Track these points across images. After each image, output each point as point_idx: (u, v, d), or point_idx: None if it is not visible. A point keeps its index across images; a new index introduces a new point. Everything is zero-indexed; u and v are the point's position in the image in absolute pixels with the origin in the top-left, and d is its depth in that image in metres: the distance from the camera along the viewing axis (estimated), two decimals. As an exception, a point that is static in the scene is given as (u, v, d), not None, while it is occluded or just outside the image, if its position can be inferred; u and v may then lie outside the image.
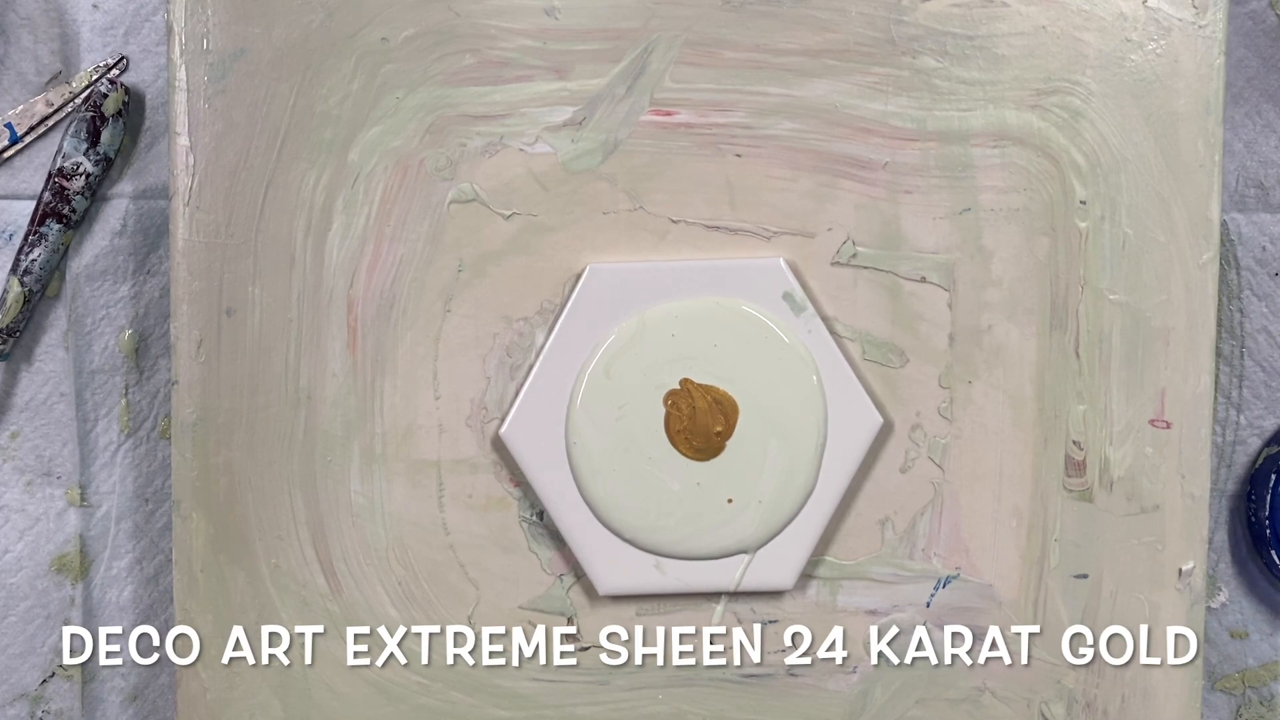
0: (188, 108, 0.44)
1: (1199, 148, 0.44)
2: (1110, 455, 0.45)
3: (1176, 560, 0.45)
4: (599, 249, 0.45)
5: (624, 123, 0.45)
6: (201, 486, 0.45)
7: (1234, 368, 0.49)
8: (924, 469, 0.45)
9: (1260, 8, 0.49)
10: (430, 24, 0.45)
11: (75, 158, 0.48)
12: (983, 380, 0.45)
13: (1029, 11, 0.44)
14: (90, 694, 0.50)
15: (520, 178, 0.45)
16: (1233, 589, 0.50)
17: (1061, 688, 0.46)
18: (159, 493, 0.50)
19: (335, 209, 0.45)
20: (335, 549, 0.45)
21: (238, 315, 0.45)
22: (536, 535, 0.46)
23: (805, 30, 0.44)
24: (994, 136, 0.45)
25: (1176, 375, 0.45)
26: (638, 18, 0.45)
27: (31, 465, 0.49)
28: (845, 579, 0.46)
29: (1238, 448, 0.49)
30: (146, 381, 0.49)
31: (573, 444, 0.44)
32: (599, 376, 0.44)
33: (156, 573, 0.50)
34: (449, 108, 0.45)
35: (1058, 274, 0.45)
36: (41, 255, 0.48)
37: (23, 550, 0.50)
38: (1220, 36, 0.44)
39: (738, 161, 0.45)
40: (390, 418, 0.45)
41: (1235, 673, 0.50)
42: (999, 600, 0.46)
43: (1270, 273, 0.49)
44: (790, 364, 0.44)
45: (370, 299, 0.45)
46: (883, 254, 0.45)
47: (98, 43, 0.49)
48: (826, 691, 0.46)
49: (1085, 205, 0.45)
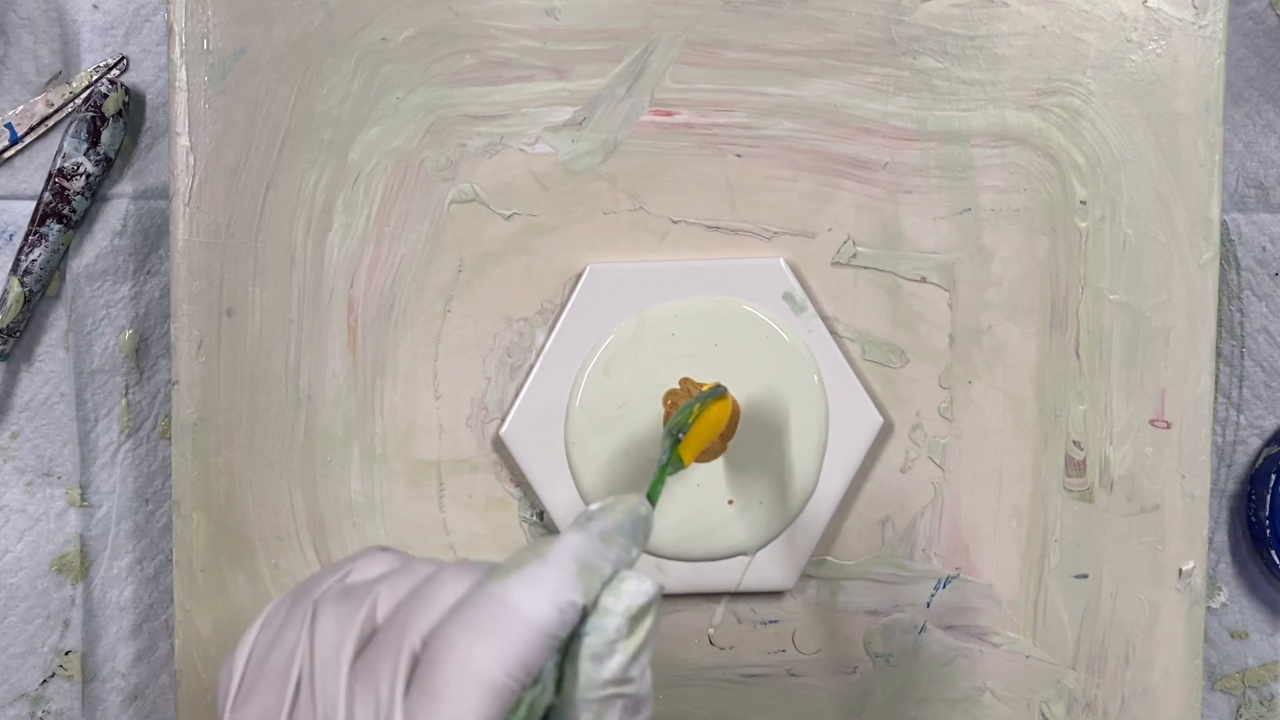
0: (188, 108, 0.44)
1: (1199, 148, 0.44)
2: (1110, 455, 0.45)
3: (1176, 560, 0.45)
4: (599, 249, 0.45)
5: (624, 123, 0.45)
6: (201, 486, 0.45)
7: (1234, 368, 0.49)
8: (924, 469, 0.45)
9: (1260, 8, 0.49)
10: (430, 24, 0.45)
11: (75, 158, 0.48)
12: (983, 380, 0.45)
13: (1029, 11, 0.44)
14: (90, 694, 0.50)
15: (520, 178, 0.45)
16: (1233, 589, 0.50)
17: (1061, 688, 0.46)
18: (159, 493, 0.50)
19: (335, 209, 0.45)
20: (335, 549, 0.45)
21: (238, 315, 0.45)
22: (536, 535, 0.46)
23: (805, 30, 0.44)
24: (994, 136, 0.45)
25: (1176, 375, 0.45)
26: (638, 18, 0.45)
27: (32, 465, 0.49)
28: (845, 579, 0.46)
29: (1238, 448, 0.50)
30: (147, 381, 0.49)
31: (572, 444, 0.44)
32: (599, 376, 0.44)
33: (156, 573, 0.50)
34: (449, 108, 0.45)
35: (1058, 274, 0.45)
36: (42, 255, 0.48)
37: (23, 550, 0.50)
38: (1220, 36, 0.44)
39: (738, 161, 0.45)
40: (390, 418, 0.45)
41: (1235, 673, 0.50)
42: (999, 600, 0.46)
43: (1270, 273, 0.49)
44: (791, 364, 0.44)
45: (370, 299, 0.45)
46: (883, 254, 0.45)
47: (98, 43, 0.49)
48: (826, 691, 0.46)
49: (1085, 205, 0.45)
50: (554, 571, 0.27)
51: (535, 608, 0.26)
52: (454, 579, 0.28)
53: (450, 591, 0.27)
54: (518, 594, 0.27)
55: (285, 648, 0.28)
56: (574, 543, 0.28)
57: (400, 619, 0.27)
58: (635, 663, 0.28)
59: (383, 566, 0.30)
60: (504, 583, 0.27)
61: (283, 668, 0.27)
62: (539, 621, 0.26)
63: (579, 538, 0.28)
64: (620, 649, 0.28)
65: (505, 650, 0.26)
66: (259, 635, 0.29)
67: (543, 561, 0.27)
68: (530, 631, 0.26)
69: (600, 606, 0.28)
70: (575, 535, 0.28)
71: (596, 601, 0.28)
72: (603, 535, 0.29)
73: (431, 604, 0.27)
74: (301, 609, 0.28)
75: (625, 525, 0.29)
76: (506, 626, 0.26)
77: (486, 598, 0.27)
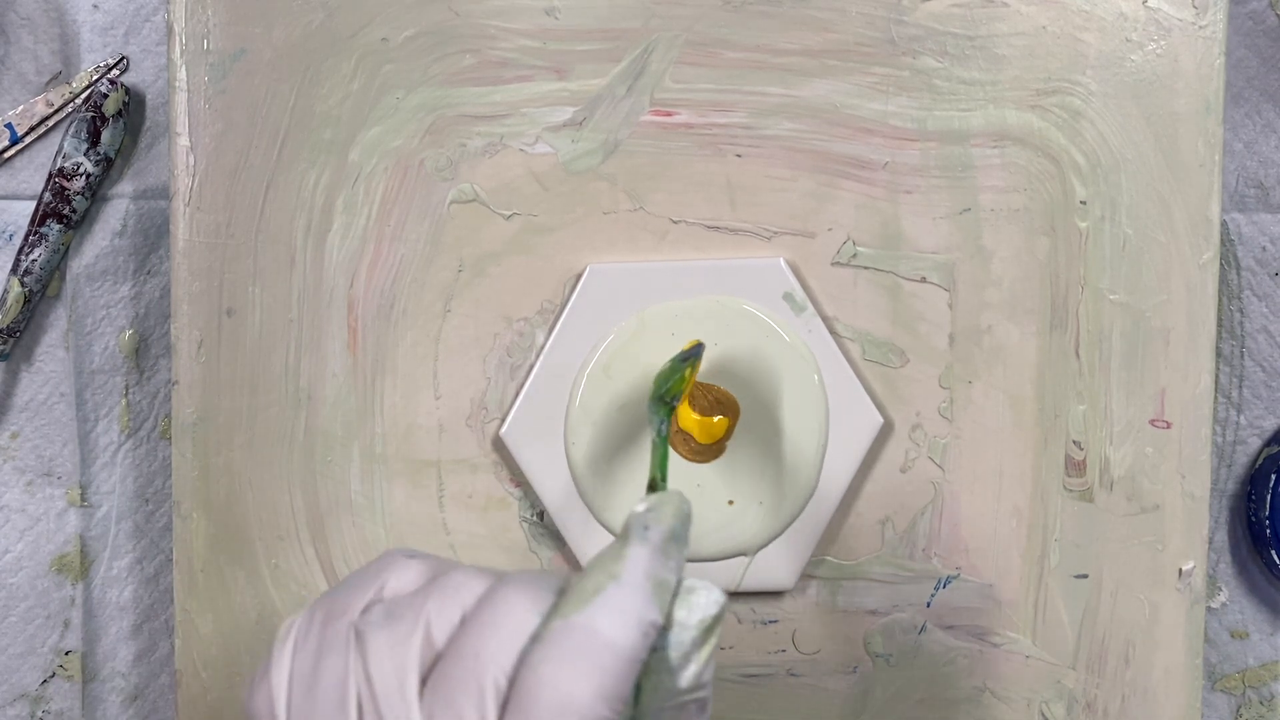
0: (188, 108, 0.44)
1: (1199, 148, 0.44)
2: (1110, 455, 0.45)
3: (1176, 560, 0.45)
4: (599, 249, 0.45)
5: (624, 123, 0.45)
6: (201, 486, 0.45)
7: (1234, 368, 0.49)
8: (924, 469, 0.45)
9: (1260, 8, 0.49)
10: (430, 24, 0.45)
11: (75, 158, 0.48)
12: (983, 380, 0.45)
13: (1029, 11, 0.44)
14: (90, 694, 0.50)
15: (520, 178, 0.45)
16: (1233, 589, 0.50)
17: (1061, 688, 0.46)
18: (159, 493, 0.50)
19: (335, 209, 0.45)
20: (335, 549, 0.45)
21: (238, 315, 0.45)
22: (536, 535, 0.46)
23: (805, 30, 0.44)
24: (994, 136, 0.45)
25: (1176, 375, 0.45)
26: (638, 18, 0.45)
27: (32, 465, 0.50)
28: (845, 579, 0.46)
29: (1238, 448, 0.49)
30: (147, 381, 0.49)
31: (572, 444, 0.44)
32: (599, 376, 0.44)
33: (156, 573, 0.50)
34: (449, 108, 0.45)
35: (1058, 274, 0.45)
36: (42, 255, 0.48)
37: (23, 550, 0.50)
38: (1220, 36, 0.44)
39: (738, 161, 0.45)
40: (390, 418, 0.45)
41: (1235, 673, 0.50)
42: (999, 600, 0.46)
43: (1270, 273, 0.49)
44: (791, 364, 0.44)
45: (370, 299, 0.45)
46: (883, 254, 0.45)
47: (98, 43, 0.49)
48: (826, 691, 0.46)
49: (1085, 205, 0.45)
50: (633, 594, 0.27)
51: (624, 636, 0.26)
52: (515, 600, 0.27)
53: (517, 617, 0.27)
54: (603, 623, 0.26)
55: (333, 676, 0.27)
56: (643, 559, 0.28)
57: (471, 648, 0.27)
58: (707, 668, 0.28)
59: (415, 576, 0.29)
60: (587, 612, 0.27)
61: (336, 698, 0.27)
62: (629, 649, 0.26)
63: (645, 552, 0.28)
64: (695, 659, 0.28)
65: (603, 682, 0.26)
66: (295, 661, 0.28)
67: (619, 585, 0.27)
68: (622, 661, 0.26)
69: (675, 620, 0.28)
70: (641, 550, 0.28)
71: (669, 615, 0.28)
72: (663, 545, 0.28)
73: (501, 631, 0.27)
74: (338, 632, 0.28)
75: (678, 530, 0.29)
76: (600, 658, 0.26)
77: (573, 629, 0.26)
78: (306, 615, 0.29)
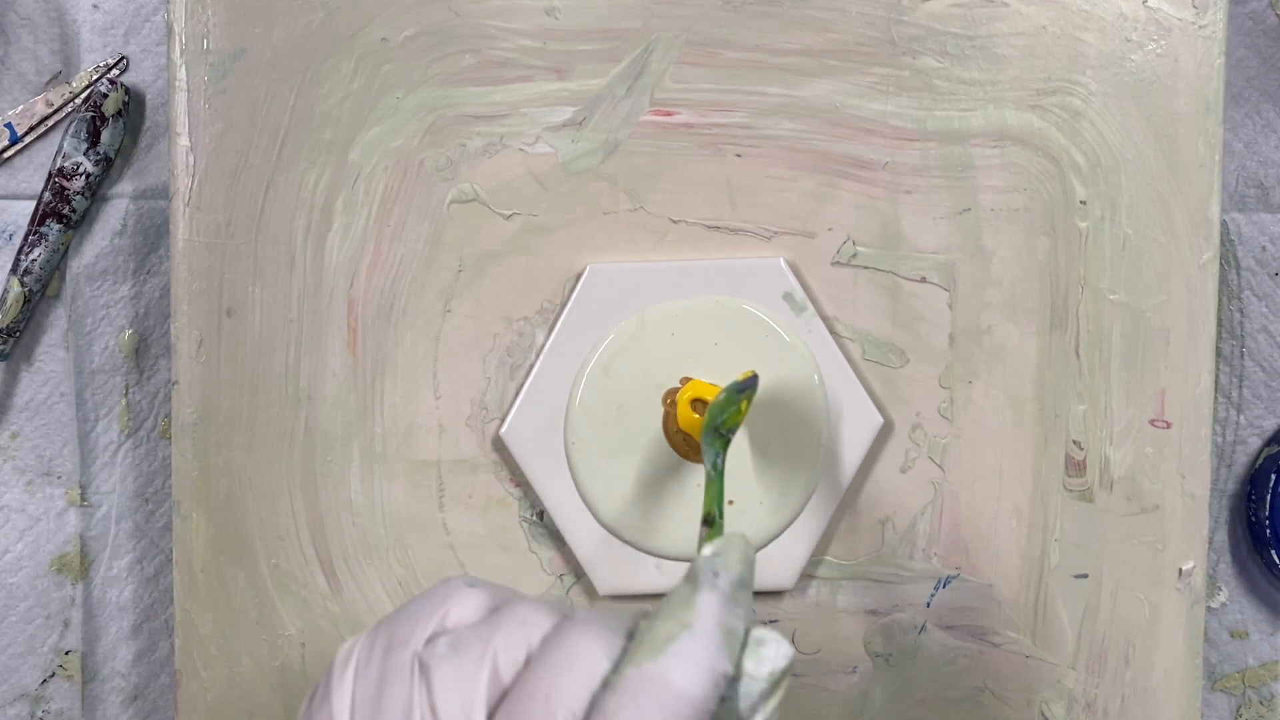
0: (188, 108, 0.44)
1: (1199, 148, 0.44)
2: (1110, 455, 0.45)
3: (1176, 560, 0.45)
4: (599, 249, 0.45)
5: (624, 123, 0.45)
6: (201, 486, 0.45)
7: (1234, 368, 0.49)
8: (924, 469, 0.45)
9: (1260, 8, 0.49)
10: (430, 24, 0.45)
11: (75, 158, 0.48)
12: (983, 380, 0.45)
13: (1029, 11, 0.44)
14: (90, 694, 0.50)
15: (520, 178, 0.45)
16: (1233, 589, 0.50)
17: (1061, 688, 0.46)
18: (159, 493, 0.50)
19: (335, 209, 0.45)
20: (335, 549, 0.45)
21: (238, 315, 0.45)
22: (536, 535, 0.46)
23: (805, 30, 0.44)
24: (994, 136, 0.45)
25: (1176, 375, 0.45)
26: (638, 18, 0.45)
27: (31, 465, 0.50)
28: (845, 579, 0.46)
29: (1238, 448, 0.50)
30: (147, 381, 0.49)
31: (572, 444, 0.44)
32: (598, 376, 0.44)
33: (156, 573, 0.50)
34: (449, 108, 0.45)
35: (1058, 274, 0.45)
36: (42, 255, 0.48)
37: (23, 550, 0.50)
38: (1220, 36, 0.44)
39: (738, 161, 0.45)
40: (390, 418, 0.45)
41: (1235, 673, 0.50)
42: (999, 600, 0.46)
43: (1270, 273, 0.49)
44: (791, 364, 0.44)
45: (370, 299, 0.45)
46: (883, 254, 0.45)
47: (98, 43, 0.49)
48: (826, 691, 0.46)
49: (1085, 205, 0.45)
50: (705, 645, 0.27)
51: (697, 687, 0.26)
52: (586, 643, 0.27)
53: (588, 660, 0.27)
54: (676, 674, 0.26)
55: (397, 705, 0.27)
56: (714, 608, 0.28)
57: (542, 689, 0.27)
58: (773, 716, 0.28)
59: (476, 606, 0.29)
60: (660, 662, 0.27)
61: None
62: (702, 700, 0.26)
63: (715, 600, 0.28)
64: (761, 710, 0.28)
65: None
66: (357, 687, 0.28)
67: (692, 635, 0.27)
68: (695, 712, 0.26)
69: (744, 671, 0.28)
70: (711, 598, 0.28)
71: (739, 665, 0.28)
72: (732, 593, 0.28)
73: (573, 674, 0.27)
74: (402, 661, 0.28)
75: (745, 576, 0.29)
76: (674, 709, 0.26)
77: (647, 679, 0.26)
78: (367, 640, 0.29)
